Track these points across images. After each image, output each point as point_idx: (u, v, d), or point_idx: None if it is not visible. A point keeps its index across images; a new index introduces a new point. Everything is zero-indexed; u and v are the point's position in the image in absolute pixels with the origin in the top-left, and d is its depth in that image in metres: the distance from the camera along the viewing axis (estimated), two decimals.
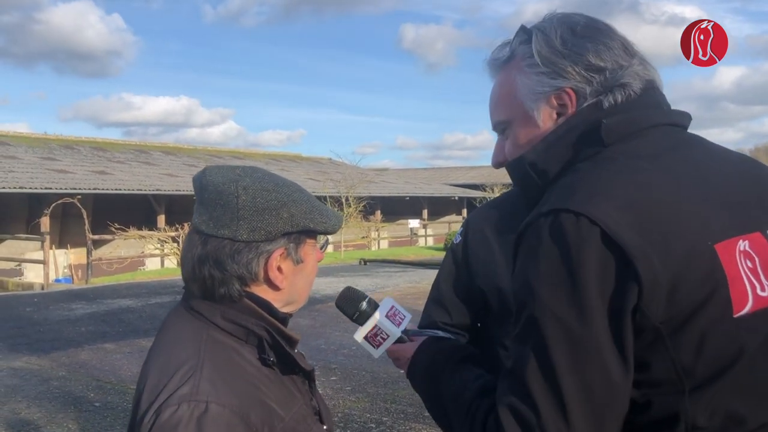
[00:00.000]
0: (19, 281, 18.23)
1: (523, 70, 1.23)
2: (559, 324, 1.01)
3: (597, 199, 1.04)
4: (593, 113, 1.17)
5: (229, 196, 1.21)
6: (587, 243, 1.01)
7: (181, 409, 1.07)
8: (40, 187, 19.42)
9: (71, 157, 25.19)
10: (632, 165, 1.10)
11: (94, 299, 13.39)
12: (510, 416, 1.04)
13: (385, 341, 1.38)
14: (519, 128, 1.26)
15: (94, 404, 6.19)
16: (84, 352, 8.38)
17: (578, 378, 1.01)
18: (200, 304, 1.23)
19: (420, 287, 14.33)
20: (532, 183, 1.21)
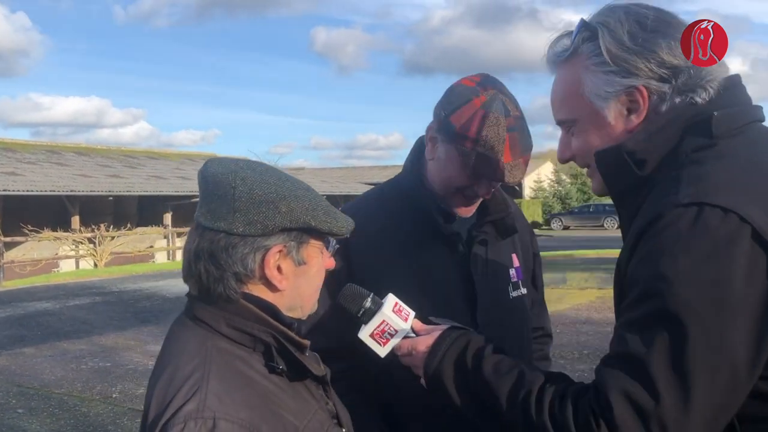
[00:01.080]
0: None
1: (590, 69, 1.20)
2: (700, 321, 0.99)
3: (742, 195, 1.02)
4: (690, 107, 1.15)
5: (226, 187, 1.15)
6: (737, 240, 0.99)
7: (188, 427, 1.02)
8: None
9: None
10: (759, 160, 1.09)
11: (8, 302, 13.06)
12: (624, 400, 1.02)
13: (392, 338, 1.33)
14: (588, 126, 1.23)
15: (17, 411, 6.13)
16: (2, 358, 8.26)
17: (707, 374, 0.99)
18: (203, 312, 1.17)
19: None
20: (628, 172, 1.17)
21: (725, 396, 1.02)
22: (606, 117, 1.21)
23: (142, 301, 13.39)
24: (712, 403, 1.01)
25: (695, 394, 1.00)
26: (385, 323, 1.33)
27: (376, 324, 1.34)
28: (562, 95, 1.28)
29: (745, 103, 1.19)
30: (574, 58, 1.24)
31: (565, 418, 1.08)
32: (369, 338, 1.34)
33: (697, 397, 1.00)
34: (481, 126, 1.53)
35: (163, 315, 11.58)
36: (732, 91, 1.18)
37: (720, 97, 1.16)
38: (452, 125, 1.56)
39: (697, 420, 1.00)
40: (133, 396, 6.66)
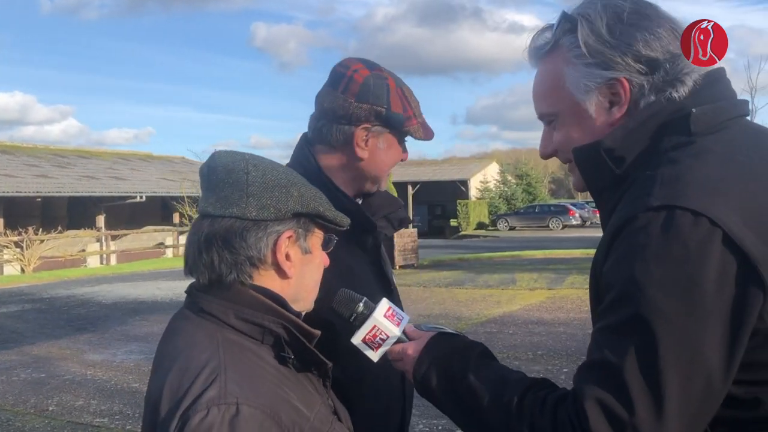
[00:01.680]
0: None
1: (571, 61, 1.20)
2: (671, 326, 0.98)
3: (714, 198, 1.01)
4: (674, 102, 1.14)
5: (239, 173, 1.18)
6: (708, 245, 0.98)
7: (212, 413, 1.02)
8: None
9: None
10: (735, 159, 1.08)
11: None
12: (598, 410, 1.01)
13: (384, 342, 1.34)
14: (570, 120, 1.23)
15: None
16: None
17: (681, 382, 0.98)
18: (211, 304, 1.18)
19: None
20: (605, 170, 1.17)
21: (700, 403, 1.00)
22: (587, 110, 1.20)
23: (76, 308, 12.86)
24: (687, 410, 1.00)
25: (669, 402, 0.98)
26: (376, 328, 1.34)
27: (368, 329, 1.34)
28: (543, 89, 1.28)
29: (727, 98, 1.18)
30: (556, 51, 1.24)
31: (544, 428, 1.08)
32: (361, 343, 1.35)
33: (671, 405, 0.99)
34: (408, 100, 1.68)
35: (100, 322, 11.13)
36: (715, 86, 1.17)
37: (701, 92, 1.15)
38: (397, 114, 1.65)
39: (672, 427, 0.99)
40: (72, 408, 6.34)
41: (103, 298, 14.01)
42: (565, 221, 37.72)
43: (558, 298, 12.11)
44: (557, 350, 7.98)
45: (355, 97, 1.62)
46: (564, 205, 40.46)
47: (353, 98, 1.62)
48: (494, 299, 12.21)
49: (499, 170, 46.02)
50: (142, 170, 31.37)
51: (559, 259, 19.52)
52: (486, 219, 40.38)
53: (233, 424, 1.02)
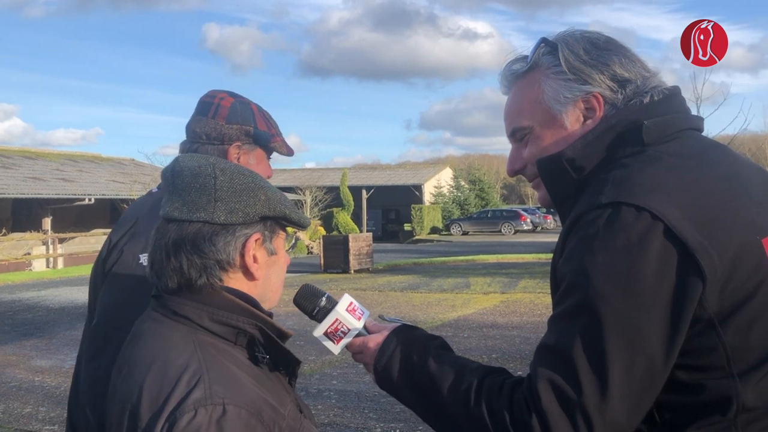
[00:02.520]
0: None
1: (550, 77, 1.28)
2: (615, 312, 1.05)
3: (657, 194, 1.09)
4: (630, 115, 1.23)
5: (206, 178, 1.19)
6: (649, 236, 1.05)
7: (200, 414, 1.03)
8: None
9: None
10: (680, 164, 1.16)
11: None
12: (550, 391, 1.07)
13: (345, 336, 1.38)
14: (545, 132, 1.30)
15: None
16: None
17: (624, 364, 1.04)
18: (184, 307, 1.18)
19: None
20: (567, 179, 1.25)
21: (642, 385, 1.06)
22: (564, 121, 1.28)
23: (22, 313, 12.50)
24: (630, 392, 1.06)
25: (613, 384, 1.05)
26: (338, 321, 1.38)
27: (329, 322, 1.38)
28: (520, 104, 1.34)
29: (679, 113, 1.27)
30: (534, 70, 1.32)
31: (501, 409, 1.13)
32: (323, 336, 1.39)
33: (614, 386, 1.05)
34: (269, 120, 1.94)
35: (48, 327, 10.85)
36: (668, 102, 1.27)
37: (655, 107, 1.25)
38: (263, 132, 1.90)
39: (618, 407, 1.05)
40: (19, 416, 6.17)
41: (51, 303, 13.64)
42: (516, 226, 38.36)
43: (511, 301, 12.30)
44: (511, 353, 8.11)
45: (225, 119, 1.87)
46: (516, 210, 41.15)
47: (223, 121, 1.86)
48: (449, 303, 12.33)
49: (452, 175, 46.44)
50: (91, 172, 30.61)
51: (511, 264, 19.81)
52: (440, 224, 40.68)
53: (221, 423, 1.03)
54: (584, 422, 1.05)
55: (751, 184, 1.21)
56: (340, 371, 7.32)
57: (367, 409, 6.10)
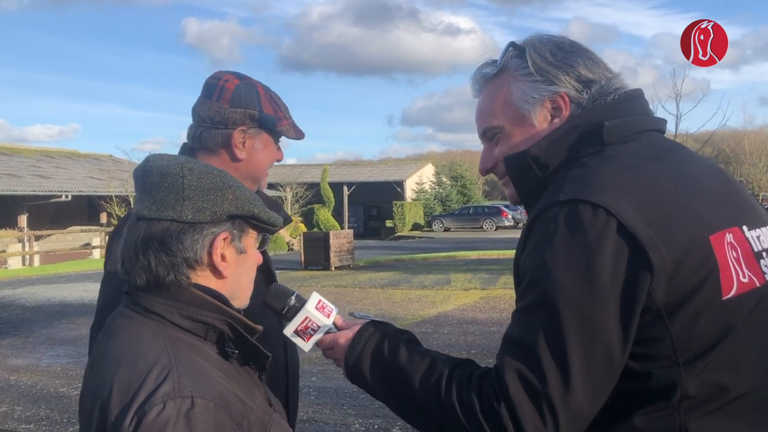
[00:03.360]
0: None
1: (518, 79, 1.34)
2: (573, 304, 1.11)
3: (612, 192, 1.14)
4: (593, 116, 1.29)
5: (174, 177, 1.21)
6: (604, 232, 1.11)
7: (168, 407, 1.05)
8: None
9: None
10: (636, 163, 1.22)
11: None
12: (517, 380, 1.12)
13: (315, 333, 1.40)
14: (514, 131, 1.36)
15: None
16: None
17: (583, 353, 1.10)
18: (155, 304, 1.21)
19: None
20: (532, 176, 1.30)
21: (602, 374, 1.13)
22: (532, 120, 1.34)
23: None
24: (591, 381, 1.12)
25: (574, 373, 1.10)
26: (308, 319, 1.40)
27: (299, 320, 1.40)
28: (490, 105, 1.40)
29: (640, 114, 1.34)
30: (503, 73, 1.38)
31: (471, 398, 1.17)
32: (293, 334, 1.41)
33: (576, 376, 1.11)
34: (278, 103, 1.86)
35: (24, 325, 10.71)
36: (629, 104, 1.33)
37: (617, 108, 1.31)
38: (268, 116, 1.83)
39: (580, 396, 1.11)
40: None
41: (26, 301, 13.46)
42: (498, 222, 38.45)
43: (491, 298, 12.36)
44: (491, 349, 8.14)
45: (229, 102, 1.79)
46: (497, 206, 41.14)
47: (227, 104, 1.79)
48: (429, 300, 12.36)
49: (434, 172, 46.50)
50: (68, 168, 30.24)
51: (492, 260, 19.89)
52: (421, 220, 40.72)
53: (189, 416, 1.05)
54: (549, 410, 1.11)
55: (706, 184, 1.27)
56: (319, 368, 7.31)
57: (347, 405, 6.13)
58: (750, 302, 1.19)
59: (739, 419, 1.17)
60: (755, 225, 1.27)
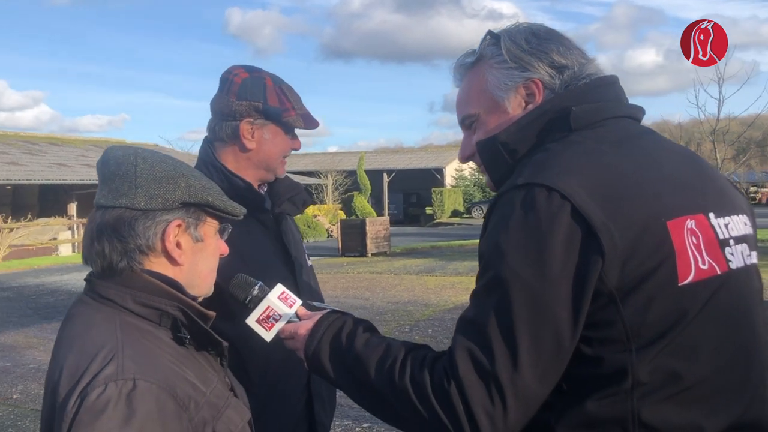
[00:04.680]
0: None
1: (493, 66, 1.37)
2: (524, 286, 1.12)
3: (567, 176, 1.15)
4: (562, 101, 1.30)
5: (128, 166, 1.24)
6: (558, 216, 1.12)
7: (109, 388, 1.07)
8: None
9: None
10: (598, 149, 1.23)
11: None
12: (468, 360, 1.14)
13: (277, 323, 1.42)
14: (489, 117, 1.38)
15: None
16: None
17: (532, 335, 1.11)
18: (108, 290, 1.23)
19: None
20: (502, 161, 1.32)
21: (551, 356, 1.13)
22: (506, 107, 1.36)
23: (45, 297, 12.80)
24: (539, 362, 1.12)
25: (522, 354, 1.11)
26: (270, 309, 1.42)
27: (261, 310, 1.42)
28: (467, 94, 1.43)
29: (612, 99, 1.35)
30: (480, 62, 1.40)
31: (423, 379, 1.18)
32: (255, 323, 1.43)
33: (524, 357, 1.11)
34: (287, 95, 1.93)
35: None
36: (601, 90, 1.34)
37: (587, 93, 1.32)
38: (273, 107, 1.89)
39: (529, 377, 1.12)
40: (36, 396, 6.31)
41: (73, 287, 13.93)
42: None
43: None
44: None
45: (236, 96, 1.89)
46: None
47: (234, 97, 1.89)
48: (463, 286, 12.35)
49: None
50: None
51: None
52: (461, 207, 40.48)
53: (130, 397, 1.07)
54: (497, 390, 1.12)
55: (671, 170, 1.27)
56: None
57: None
58: (708, 290, 1.18)
59: (692, 407, 1.17)
60: (724, 212, 1.27)
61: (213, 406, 1.22)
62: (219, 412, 1.23)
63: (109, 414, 1.05)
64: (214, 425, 1.20)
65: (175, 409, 1.13)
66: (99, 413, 1.05)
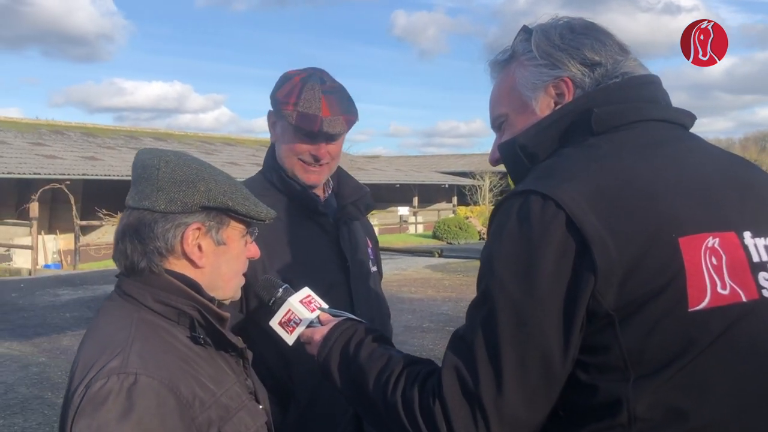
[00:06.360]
0: (7, 267, 18.30)
1: (523, 64, 1.28)
2: (510, 302, 1.04)
3: (567, 183, 1.06)
4: (586, 102, 1.20)
5: (151, 169, 1.27)
6: (551, 227, 1.03)
7: (111, 381, 1.10)
8: (29, 173, 19.41)
9: (61, 143, 25.13)
10: (614, 154, 1.12)
11: (80, 285, 13.49)
12: (454, 377, 1.07)
13: (298, 326, 1.40)
14: (517, 118, 1.29)
15: None
16: (66, 338, 8.48)
17: (517, 355, 1.03)
18: (131, 287, 1.27)
19: (405, 274, 14.49)
20: (522, 165, 1.24)
21: (539, 380, 1.04)
22: (534, 108, 1.27)
23: None
24: (525, 386, 1.03)
25: (507, 376, 1.03)
26: (291, 312, 1.41)
27: (283, 312, 1.42)
28: (498, 93, 1.35)
29: (643, 101, 1.21)
30: (512, 59, 1.32)
31: (412, 396, 1.13)
32: (278, 326, 1.42)
33: (508, 379, 1.03)
34: (300, 92, 1.84)
35: None
36: (633, 90, 1.22)
37: (615, 93, 1.20)
38: (277, 98, 1.88)
39: (513, 400, 1.03)
40: None
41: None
42: None
43: None
44: None
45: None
46: None
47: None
48: None
49: None
50: None
51: None
52: None
53: (131, 391, 1.10)
54: (480, 413, 1.04)
55: (704, 181, 1.13)
56: None
57: None
58: (726, 318, 1.03)
59: None
60: (766, 233, 1.11)
61: (223, 407, 1.23)
62: (230, 413, 1.24)
63: (108, 406, 1.08)
64: (221, 425, 1.21)
65: (176, 405, 1.14)
66: (99, 405, 1.08)
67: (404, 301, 10.96)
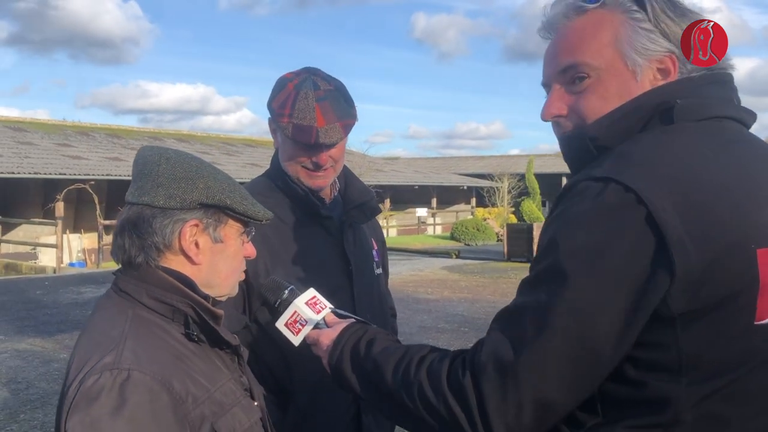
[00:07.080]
0: (33, 265, 18.70)
1: (629, 23, 1.14)
2: (573, 289, 1.00)
3: (650, 177, 1.01)
4: (664, 94, 1.12)
5: (152, 165, 1.29)
6: (628, 220, 0.99)
7: (104, 376, 1.11)
8: (55, 173, 19.81)
9: (86, 144, 25.56)
10: (697, 150, 1.07)
11: (103, 282, 13.71)
12: (492, 350, 1.04)
13: (303, 328, 1.41)
14: (611, 79, 1.15)
15: None
16: None
17: (568, 343, 1.00)
18: (127, 284, 1.28)
19: (422, 275, 14.56)
20: (588, 155, 1.15)
21: (584, 366, 1.01)
22: (636, 76, 1.14)
23: None
24: (567, 370, 1.00)
25: (550, 357, 1.00)
26: (296, 313, 1.42)
27: (289, 314, 1.42)
28: (583, 39, 1.17)
29: (716, 98, 1.15)
30: (607, 7, 1.17)
31: (440, 369, 1.10)
32: (284, 327, 1.43)
33: (551, 360, 1.00)
34: (294, 102, 1.81)
35: None
36: (712, 87, 1.15)
37: (695, 88, 1.13)
38: (273, 109, 1.86)
39: (550, 385, 1.01)
40: None
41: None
42: None
43: None
44: None
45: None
46: None
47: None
48: None
49: None
50: None
51: None
52: None
53: (123, 387, 1.12)
54: (514, 387, 1.01)
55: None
56: None
57: None
58: None
59: None
60: None
61: (217, 403, 1.25)
62: (224, 409, 1.25)
63: (101, 402, 1.10)
64: (214, 422, 1.22)
65: (169, 401, 1.15)
66: (92, 400, 1.10)
67: (420, 301, 11.00)
